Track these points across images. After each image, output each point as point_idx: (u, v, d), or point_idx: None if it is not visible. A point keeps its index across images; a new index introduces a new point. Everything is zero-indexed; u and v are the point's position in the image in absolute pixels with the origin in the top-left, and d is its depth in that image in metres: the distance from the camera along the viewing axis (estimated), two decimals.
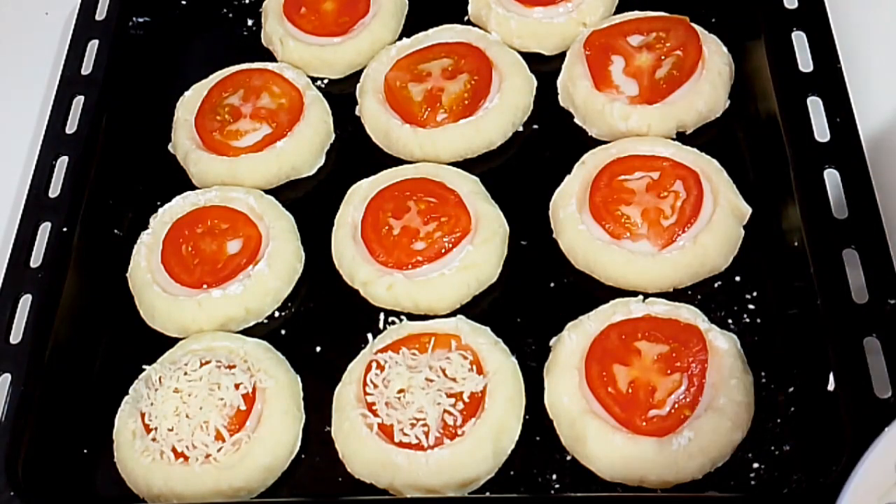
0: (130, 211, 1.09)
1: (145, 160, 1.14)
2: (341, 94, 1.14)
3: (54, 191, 1.04)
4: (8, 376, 0.93)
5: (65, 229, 1.01)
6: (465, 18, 1.18)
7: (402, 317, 0.98)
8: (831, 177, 0.93)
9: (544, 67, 1.12)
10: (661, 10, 1.11)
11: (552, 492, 0.88)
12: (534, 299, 0.98)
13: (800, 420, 0.88)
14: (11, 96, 1.24)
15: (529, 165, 1.07)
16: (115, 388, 0.97)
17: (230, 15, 1.25)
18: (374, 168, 1.07)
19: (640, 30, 1.09)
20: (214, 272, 1.00)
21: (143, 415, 0.92)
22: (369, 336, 0.97)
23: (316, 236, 1.04)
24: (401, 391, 0.89)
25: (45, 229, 1.01)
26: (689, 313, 0.91)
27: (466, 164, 1.06)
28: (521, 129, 1.09)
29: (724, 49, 1.08)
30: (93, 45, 1.15)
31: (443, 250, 0.98)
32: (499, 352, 0.93)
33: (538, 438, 0.90)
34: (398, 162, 1.08)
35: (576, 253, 0.98)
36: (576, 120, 1.08)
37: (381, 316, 0.99)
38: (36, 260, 0.99)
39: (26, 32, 1.30)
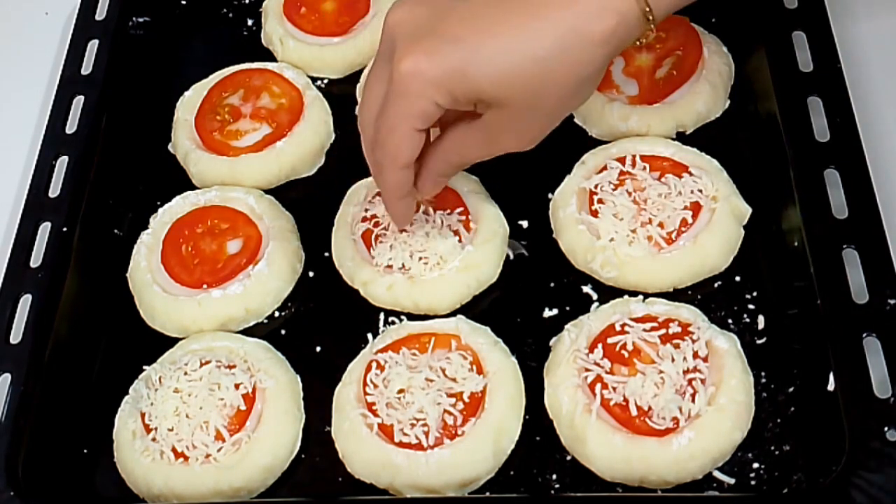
0: (130, 211, 1.09)
1: (145, 160, 1.14)
2: (341, 94, 1.14)
3: (54, 191, 1.04)
4: (8, 376, 0.93)
5: (65, 229, 1.01)
6: None
7: (402, 317, 0.98)
8: (831, 177, 0.93)
9: None
10: None
11: (552, 492, 0.88)
12: (534, 299, 0.98)
13: (800, 420, 0.88)
14: (11, 96, 1.24)
15: (529, 165, 1.06)
16: (115, 388, 0.96)
17: (230, 15, 1.25)
18: None
19: None
20: (214, 272, 1.00)
21: (143, 415, 0.92)
22: (369, 336, 0.97)
23: (316, 236, 1.04)
24: (401, 391, 0.89)
25: (45, 229, 1.01)
26: (689, 313, 0.92)
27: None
28: None
29: (724, 49, 1.08)
30: (93, 45, 1.15)
31: None
32: (499, 352, 0.93)
33: (538, 438, 0.90)
34: None
35: (576, 253, 0.98)
36: (576, 120, 1.08)
37: (381, 316, 0.99)
38: (36, 260, 0.99)
39: (26, 32, 1.30)
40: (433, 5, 0.82)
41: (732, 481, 0.86)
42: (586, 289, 0.98)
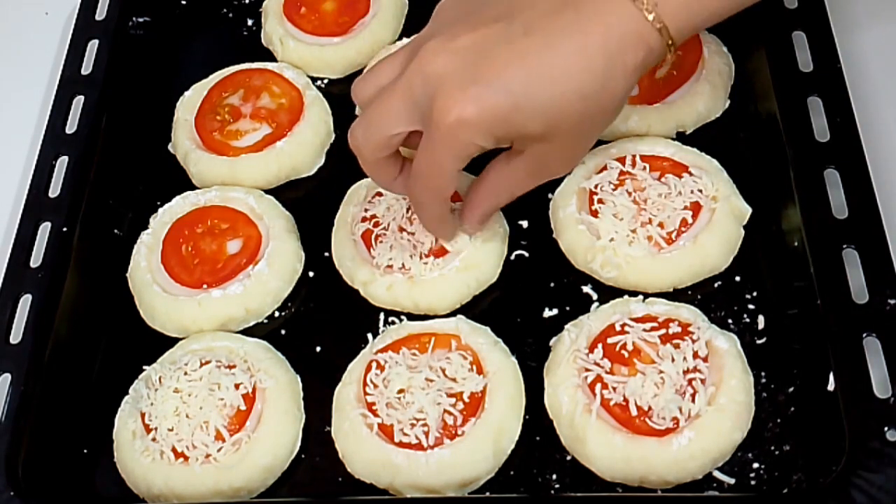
0: (130, 211, 1.09)
1: (145, 160, 1.14)
2: (341, 94, 1.14)
3: (54, 191, 1.04)
4: (8, 376, 0.93)
5: (65, 229, 1.01)
6: None
7: (402, 317, 0.98)
8: (831, 177, 0.93)
9: None
10: None
11: (552, 492, 0.88)
12: (534, 299, 0.98)
13: (800, 420, 0.88)
14: (11, 96, 1.24)
15: None
16: (115, 388, 0.96)
17: (230, 15, 1.25)
18: None
19: None
20: (214, 272, 1.00)
21: (143, 415, 0.92)
22: (369, 336, 0.97)
23: (316, 236, 1.04)
24: (401, 391, 0.89)
25: (45, 229, 1.01)
26: (689, 313, 0.92)
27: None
28: None
29: (724, 49, 1.08)
30: (93, 45, 1.15)
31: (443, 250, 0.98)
32: (499, 352, 0.93)
33: (538, 438, 0.90)
34: None
35: (576, 253, 0.98)
36: None
37: (381, 316, 0.99)
38: (36, 260, 0.99)
39: (26, 32, 1.30)
40: (471, 46, 0.82)
41: (732, 481, 0.86)
42: (586, 289, 0.98)
